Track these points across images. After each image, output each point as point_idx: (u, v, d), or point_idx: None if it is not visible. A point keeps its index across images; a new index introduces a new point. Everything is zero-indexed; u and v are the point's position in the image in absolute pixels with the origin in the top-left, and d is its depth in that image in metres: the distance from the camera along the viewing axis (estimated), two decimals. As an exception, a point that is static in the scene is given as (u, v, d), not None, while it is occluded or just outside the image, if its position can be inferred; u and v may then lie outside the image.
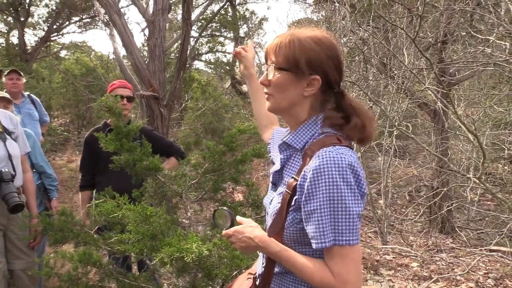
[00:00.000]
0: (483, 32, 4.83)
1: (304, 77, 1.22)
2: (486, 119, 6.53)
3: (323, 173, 1.11)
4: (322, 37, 1.25)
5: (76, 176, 8.37)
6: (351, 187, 1.11)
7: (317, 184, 1.11)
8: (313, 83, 1.23)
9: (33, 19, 15.23)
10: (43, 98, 11.08)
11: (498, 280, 4.33)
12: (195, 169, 2.54)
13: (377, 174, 7.78)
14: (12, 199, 2.60)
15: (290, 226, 1.21)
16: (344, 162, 1.12)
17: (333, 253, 1.12)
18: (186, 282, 2.17)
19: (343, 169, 1.11)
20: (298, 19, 9.82)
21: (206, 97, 10.64)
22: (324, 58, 1.22)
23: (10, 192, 2.61)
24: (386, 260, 4.88)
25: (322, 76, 1.22)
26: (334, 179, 1.10)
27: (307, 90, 1.24)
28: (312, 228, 1.13)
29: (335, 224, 1.11)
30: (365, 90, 4.98)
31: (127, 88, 3.19)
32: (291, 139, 1.28)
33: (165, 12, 5.80)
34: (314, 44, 1.22)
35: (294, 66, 1.22)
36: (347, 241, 1.11)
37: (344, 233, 1.11)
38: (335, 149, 1.15)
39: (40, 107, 4.72)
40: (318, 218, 1.12)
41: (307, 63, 1.21)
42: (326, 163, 1.12)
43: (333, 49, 1.25)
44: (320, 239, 1.12)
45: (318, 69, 1.22)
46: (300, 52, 1.21)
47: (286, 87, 1.25)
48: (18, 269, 2.86)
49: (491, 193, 3.84)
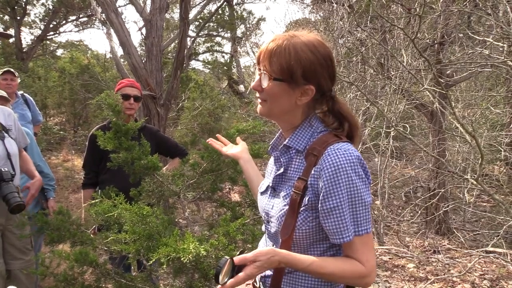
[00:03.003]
0: (480, 33, 4.85)
1: (298, 87, 1.22)
2: (483, 120, 6.54)
3: (339, 171, 1.14)
4: (318, 44, 1.24)
5: (72, 175, 8.34)
6: (363, 179, 1.17)
7: (336, 182, 1.14)
8: (307, 92, 1.23)
9: (30, 18, 15.19)
10: (39, 97, 11.02)
11: (494, 281, 4.33)
12: (193, 169, 2.52)
13: (373, 174, 7.77)
14: (13, 199, 2.56)
15: (302, 226, 1.22)
16: (353, 156, 1.16)
17: (356, 244, 1.17)
18: (183, 283, 2.15)
19: (354, 163, 1.15)
20: (296, 19, 9.83)
21: (203, 97, 10.62)
22: (319, 68, 1.22)
23: (10, 192, 2.58)
24: (383, 261, 4.88)
25: (316, 85, 1.23)
26: (349, 175, 1.14)
27: (301, 99, 1.24)
28: (332, 225, 1.16)
29: (355, 217, 1.16)
30: (363, 91, 4.98)
31: (135, 87, 3.15)
32: (292, 142, 1.28)
33: (163, 11, 5.78)
34: (310, 53, 1.21)
35: (289, 76, 1.21)
36: (365, 230, 1.17)
37: (363, 223, 1.17)
38: (341, 145, 1.19)
39: (34, 106, 4.68)
40: (339, 214, 1.15)
41: (302, 74, 1.21)
42: (340, 160, 1.15)
43: (328, 57, 1.25)
44: (342, 234, 1.16)
45: (312, 79, 1.22)
46: (295, 62, 1.20)
47: (280, 96, 1.25)
48: (16, 269, 2.84)
49: (488, 194, 3.84)
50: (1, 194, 2.58)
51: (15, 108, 4.19)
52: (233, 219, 2.24)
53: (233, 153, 1.73)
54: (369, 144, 6.17)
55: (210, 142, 1.82)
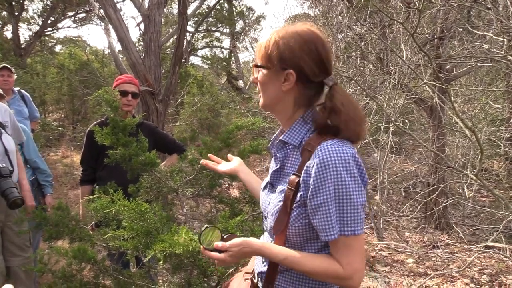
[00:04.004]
0: (480, 28, 4.82)
1: (280, 73, 1.24)
2: (482, 115, 6.53)
3: (328, 167, 1.12)
4: (302, 31, 1.25)
5: (71, 171, 8.33)
6: (355, 179, 1.13)
7: (323, 178, 1.12)
8: (289, 78, 1.24)
9: (28, 14, 15.13)
10: (38, 93, 10.99)
11: (493, 276, 4.34)
12: (191, 165, 2.51)
13: (373, 170, 7.78)
14: (12, 194, 2.62)
15: (295, 223, 1.21)
16: (346, 154, 1.13)
17: (339, 244, 1.14)
18: (181, 279, 2.15)
19: (346, 161, 1.12)
20: (295, 14, 9.79)
21: (202, 92, 10.60)
22: (298, 51, 1.22)
23: (9, 187, 2.63)
24: (382, 256, 4.89)
25: (297, 70, 1.23)
26: (339, 172, 1.11)
27: (284, 85, 1.25)
28: (319, 222, 1.14)
29: (341, 216, 1.13)
30: (362, 86, 4.96)
31: (133, 83, 3.13)
32: (287, 137, 1.28)
33: (161, 7, 5.75)
34: (290, 39, 1.23)
35: (268, 62, 1.25)
36: (352, 231, 1.13)
37: (350, 223, 1.13)
38: (335, 141, 1.16)
39: (31, 102, 4.65)
40: (325, 211, 1.13)
41: (280, 58, 1.23)
42: (330, 156, 1.12)
43: (311, 42, 1.24)
44: (328, 232, 1.13)
45: (291, 63, 1.23)
46: (273, 48, 1.24)
47: (266, 84, 1.29)
48: (15, 266, 2.84)
49: (488, 189, 3.84)
50: (0, 189, 2.59)
51: (11, 104, 4.17)
52: (232, 216, 2.23)
53: (231, 169, 1.72)
54: (368, 139, 6.16)
55: (205, 163, 1.80)
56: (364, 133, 1.30)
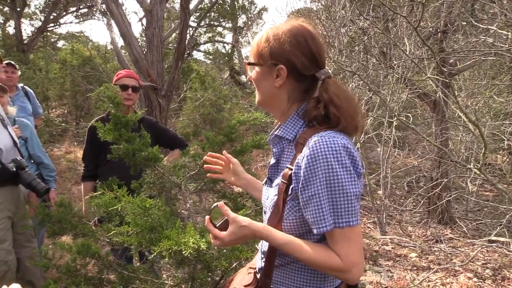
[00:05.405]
0: (484, 21, 4.79)
1: (272, 69, 1.25)
2: (486, 109, 6.51)
3: (318, 158, 1.11)
4: (292, 27, 1.26)
5: (75, 167, 8.36)
6: (347, 169, 1.11)
7: (313, 170, 1.11)
8: (280, 73, 1.24)
9: (30, 9, 15.13)
10: (40, 88, 10.99)
11: (497, 270, 4.34)
12: (194, 160, 2.51)
13: (376, 164, 7.78)
14: (39, 184, 2.76)
15: (288, 216, 1.21)
16: (337, 144, 1.12)
17: (335, 236, 1.13)
18: (185, 274, 2.16)
19: (337, 151, 1.11)
20: (298, 8, 9.75)
21: (205, 88, 10.59)
22: (287, 46, 1.23)
23: (34, 179, 2.76)
24: (385, 251, 4.89)
25: (288, 64, 1.23)
26: (329, 163, 1.10)
27: (276, 80, 1.26)
28: (311, 214, 1.13)
29: (334, 207, 1.11)
30: (365, 80, 4.95)
31: (133, 78, 3.14)
32: (282, 131, 1.29)
33: (163, 2, 5.74)
34: (281, 35, 1.24)
35: (259, 58, 1.27)
36: (347, 223, 1.11)
37: (344, 215, 1.11)
38: (326, 133, 1.15)
39: (34, 98, 4.66)
40: (317, 203, 1.12)
41: (270, 54, 1.24)
42: (320, 147, 1.11)
43: (300, 35, 1.24)
44: (320, 224, 1.12)
45: (281, 58, 1.23)
46: (264, 45, 1.26)
47: (260, 81, 1.30)
48: (24, 257, 2.89)
49: (491, 183, 3.83)
50: (24, 182, 2.71)
51: (15, 100, 4.17)
52: (235, 211, 2.23)
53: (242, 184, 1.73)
54: (371, 134, 6.15)
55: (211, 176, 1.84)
56: (362, 126, 1.29)
